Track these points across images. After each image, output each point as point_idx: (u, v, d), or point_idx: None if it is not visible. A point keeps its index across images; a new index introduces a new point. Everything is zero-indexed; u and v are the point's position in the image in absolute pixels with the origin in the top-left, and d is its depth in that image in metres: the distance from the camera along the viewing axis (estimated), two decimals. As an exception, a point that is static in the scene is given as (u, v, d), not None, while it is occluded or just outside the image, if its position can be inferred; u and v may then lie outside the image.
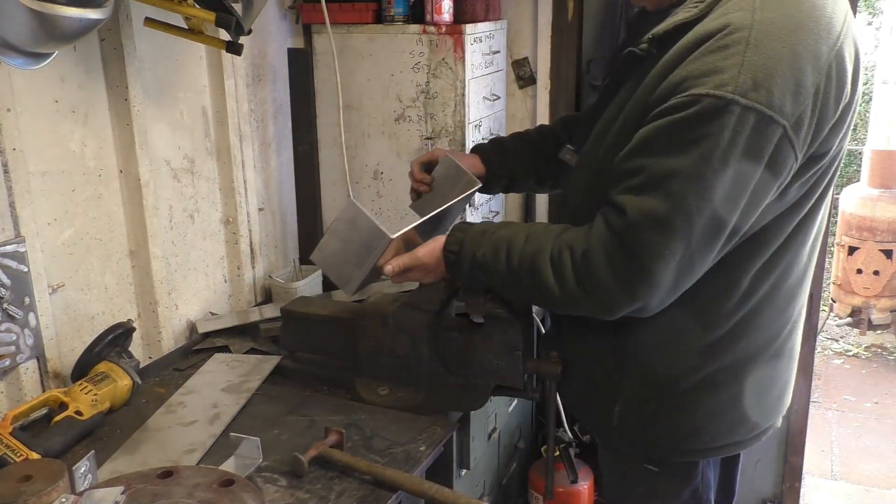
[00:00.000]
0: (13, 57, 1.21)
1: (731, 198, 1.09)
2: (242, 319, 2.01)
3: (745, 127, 1.05)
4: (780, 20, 1.08)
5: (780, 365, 1.36)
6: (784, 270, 1.26)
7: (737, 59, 1.06)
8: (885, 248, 4.53)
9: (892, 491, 3.14)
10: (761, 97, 1.05)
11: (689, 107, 1.07)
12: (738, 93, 1.04)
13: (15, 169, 1.47)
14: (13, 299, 1.49)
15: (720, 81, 1.05)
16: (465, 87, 2.21)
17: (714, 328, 1.27)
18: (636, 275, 1.15)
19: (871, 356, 4.39)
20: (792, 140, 1.08)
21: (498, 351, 1.53)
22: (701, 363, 1.29)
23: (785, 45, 1.06)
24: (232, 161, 2.07)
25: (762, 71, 1.05)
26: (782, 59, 1.06)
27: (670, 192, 1.10)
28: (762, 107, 1.05)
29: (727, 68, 1.05)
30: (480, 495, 2.01)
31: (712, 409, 1.32)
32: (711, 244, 1.14)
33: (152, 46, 1.79)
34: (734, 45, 1.07)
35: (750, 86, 1.04)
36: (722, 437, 1.34)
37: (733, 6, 1.11)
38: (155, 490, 1.13)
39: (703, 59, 1.08)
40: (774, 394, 1.38)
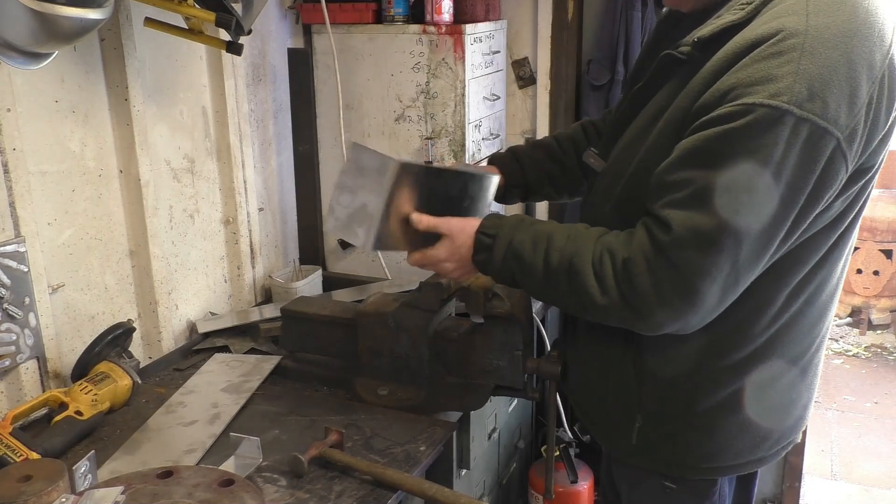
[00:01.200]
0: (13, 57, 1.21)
1: (781, 214, 1.05)
2: (242, 319, 2.01)
3: (799, 139, 1.01)
4: (835, 26, 1.03)
5: (805, 381, 1.31)
6: (818, 286, 1.22)
7: (791, 67, 1.01)
8: (885, 248, 4.53)
9: (892, 491, 3.14)
10: (817, 108, 1.00)
11: (741, 116, 1.02)
12: (794, 103, 1.00)
13: (15, 169, 1.47)
14: (13, 299, 1.49)
15: (775, 90, 1.00)
16: (465, 87, 2.21)
17: (744, 346, 1.22)
18: (679, 292, 1.09)
19: (871, 356, 4.39)
20: (845, 153, 1.04)
21: (498, 351, 1.53)
22: (726, 381, 1.24)
23: (840, 53, 1.02)
24: (232, 161, 2.07)
25: (818, 80, 1.00)
26: (838, 68, 1.01)
27: (719, 208, 1.04)
28: (817, 118, 1.00)
29: (782, 77, 1.00)
30: (480, 495, 2.01)
31: (735, 429, 1.26)
32: (758, 261, 1.09)
33: (152, 46, 1.79)
34: (788, 52, 1.01)
35: (805, 96, 1.00)
36: (744, 455, 1.29)
37: (785, 10, 1.05)
38: (155, 490, 1.13)
39: (755, 66, 1.03)
40: (798, 410, 1.33)
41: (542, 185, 1.64)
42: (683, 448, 1.29)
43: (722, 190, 1.04)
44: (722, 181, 1.04)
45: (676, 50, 1.16)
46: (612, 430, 1.37)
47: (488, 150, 2.43)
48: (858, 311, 4.67)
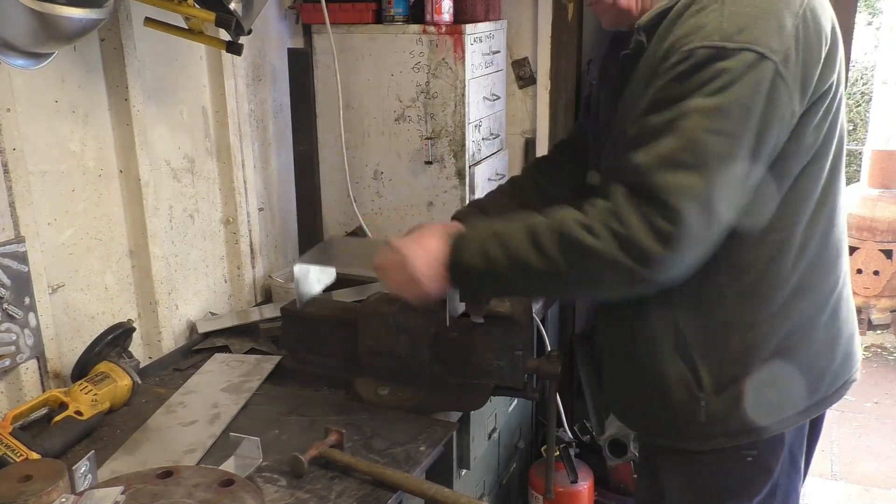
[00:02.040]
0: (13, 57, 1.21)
1: (738, 133, 1.13)
2: (242, 319, 2.01)
3: (741, 65, 1.11)
4: None
5: (842, 316, 1.38)
6: (828, 222, 1.30)
7: (716, 14, 1.14)
8: (885, 248, 4.53)
9: (892, 491, 3.14)
10: (748, 38, 1.12)
11: (682, 62, 1.13)
12: (725, 38, 1.12)
13: (15, 169, 1.47)
14: (13, 299, 1.49)
15: (706, 34, 1.13)
16: (465, 87, 2.21)
17: (776, 293, 1.28)
18: (662, 215, 1.13)
19: (871, 356, 4.39)
20: (783, 75, 1.13)
21: (498, 351, 1.53)
22: (770, 331, 1.29)
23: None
24: (232, 161, 2.07)
25: (742, 17, 1.13)
26: (758, 6, 1.14)
27: (677, 129, 1.13)
28: (752, 45, 1.11)
29: (709, 22, 1.13)
30: (480, 495, 2.01)
31: (793, 376, 1.32)
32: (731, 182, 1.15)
33: (152, 46, 1.79)
34: (711, 4, 1.15)
35: (735, 30, 1.12)
36: (807, 399, 1.34)
37: None
38: (155, 490, 1.13)
39: (685, 24, 1.16)
40: (843, 346, 1.38)
41: None
42: (752, 408, 1.31)
43: (678, 120, 1.13)
44: (676, 112, 1.13)
45: (630, 48, 1.27)
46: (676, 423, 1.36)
47: (488, 150, 2.43)
48: (858, 311, 4.65)
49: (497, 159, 2.48)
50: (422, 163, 2.31)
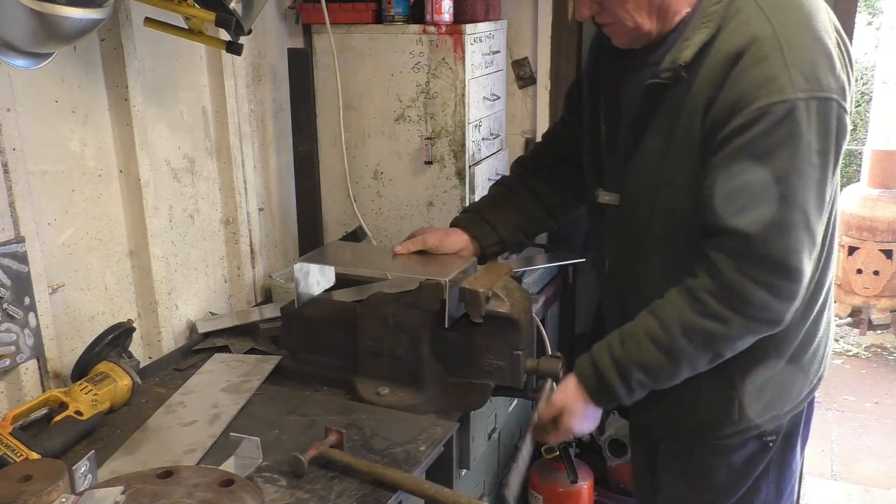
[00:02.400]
0: (13, 57, 1.21)
1: (822, 176, 1.21)
2: (242, 319, 2.01)
3: (812, 114, 1.18)
4: (793, 16, 1.22)
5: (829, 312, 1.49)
6: (833, 222, 1.36)
7: (780, 63, 1.18)
8: (885, 248, 4.53)
9: (892, 491, 3.14)
10: (815, 85, 1.18)
11: (760, 120, 1.17)
12: (798, 89, 1.17)
13: (15, 169, 1.47)
14: (13, 299, 1.49)
15: (776, 88, 1.17)
16: (465, 87, 2.21)
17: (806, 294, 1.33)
18: (784, 278, 1.23)
19: (871, 356, 4.39)
20: (844, 106, 1.22)
21: (498, 351, 1.53)
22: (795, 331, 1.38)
23: (810, 37, 1.21)
24: (232, 161, 2.07)
25: (805, 64, 1.18)
26: (813, 49, 1.20)
27: (780, 196, 1.19)
28: (819, 91, 1.18)
29: (778, 74, 1.17)
30: (480, 495, 2.01)
31: (814, 363, 1.46)
32: (823, 218, 1.25)
33: (152, 46, 1.79)
34: (772, 53, 1.18)
35: (802, 80, 1.17)
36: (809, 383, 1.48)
37: (747, 19, 1.22)
38: (155, 490, 1.13)
39: (751, 73, 1.19)
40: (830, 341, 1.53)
41: (515, 237, 1.73)
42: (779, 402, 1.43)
43: (772, 182, 1.19)
44: (770, 175, 1.19)
45: (660, 77, 1.29)
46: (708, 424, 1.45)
47: (488, 149, 2.43)
48: (858, 311, 4.67)
49: (497, 159, 2.48)
50: (422, 163, 2.31)
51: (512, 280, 1.59)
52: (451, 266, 1.58)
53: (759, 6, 1.22)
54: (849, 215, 4.61)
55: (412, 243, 1.68)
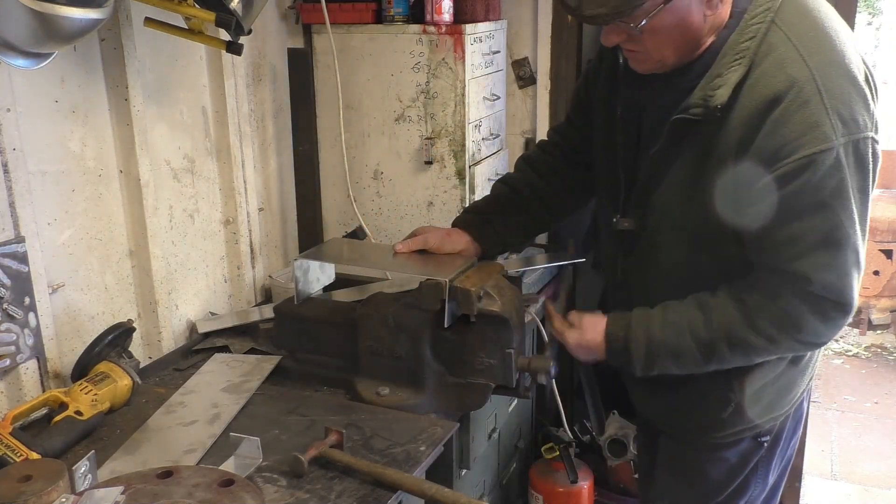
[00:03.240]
0: (13, 57, 1.21)
1: (863, 207, 1.27)
2: (242, 319, 2.01)
3: (850, 156, 1.21)
4: (829, 57, 1.23)
5: None
6: None
7: (821, 110, 1.19)
8: (885, 248, 4.53)
9: (892, 491, 3.14)
10: (853, 128, 1.21)
11: (807, 168, 1.20)
12: (839, 135, 1.19)
13: (15, 169, 1.47)
14: (13, 299, 1.49)
15: (821, 135, 1.19)
16: (465, 87, 2.21)
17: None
18: (839, 311, 1.30)
19: (871, 356, 4.39)
20: (877, 140, 1.25)
21: (490, 350, 1.53)
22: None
23: (845, 79, 1.22)
24: (232, 161, 2.07)
25: (845, 107, 1.20)
26: (850, 90, 1.22)
27: (835, 241, 1.24)
28: (858, 133, 1.21)
29: (819, 122, 1.19)
30: (480, 495, 2.01)
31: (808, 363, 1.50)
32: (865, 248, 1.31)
33: (152, 46, 1.79)
34: (812, 98, 1.20)
35: (842, 125, 1.20)
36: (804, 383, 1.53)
37: (782, 59, 1.22)
38: (155, 490, 1.13)
39: (794, 120, 1.20)
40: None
41: (517, 237, 1.76)
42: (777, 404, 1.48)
43: (827, 229, 1.24)
44: (823, 223, 1.24)
45: (689, 113, 1.29)
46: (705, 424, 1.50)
47: (488, 149, 2.43)
48: (858, 311, 4.67)
49: (497, 159, 2.48)
50: (422, 163, 2.31)
51: (503, 279, 1.60)
52: (451, 266, 1.58)
53: (793, 45, 1.22)
54: (849, 215, 4.61)
55: (413, 242, 1.68)
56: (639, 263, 1.50)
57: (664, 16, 1.22)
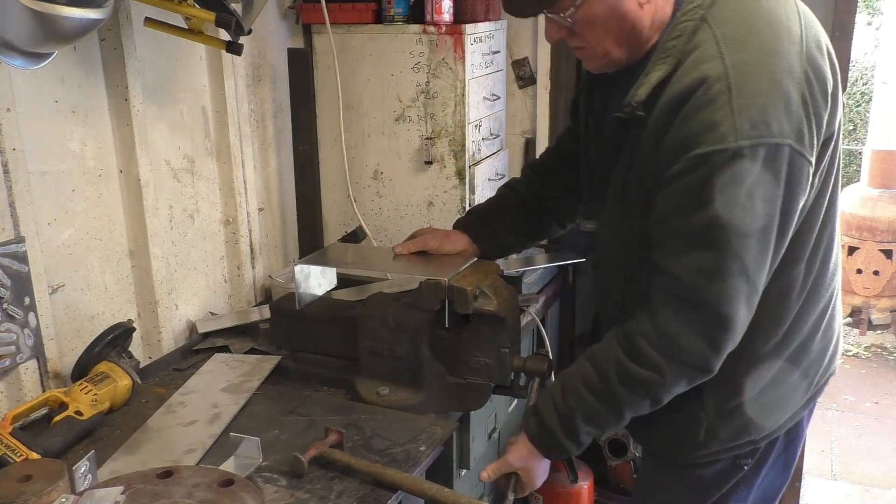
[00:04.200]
0: (13, 57, 1.21)
1: (766, 222, 1.16)
2: (242, 319, 2.01)
3: (758, 161, 1.12)
4: (750, 55, 1.14)
5: (834, 325, 1.44)
6: (827, 247, 1.33)
7: (726, 109, 1.11)
8: (885, 248, 4.53)
9: (892, 491, 3.14)
10: (762, 131, 1.11)
11: (698, 167, 1.13)
12: (741, 137, 1.11)
13: (15, 169, 1.47)
14: (13, 299, 1.49)
15: (720, 135, 1.11)
16: (465, 87, 2.21)
17: (781, 325, 1.32)
18: (715, 325, 1.20)
19: (871, 356, 4.39)
20: (800, 151, 1.14)
21: (485, 349, 1.53)
22: (773, 358, 1.34)
23: (765, 79, 1.13)
24: (232, 161, 2.07)
25: (753, 109, 1.11)
26: (767, 92, 1.13)
27: (712, 242, 1.15)
28: (767, 138, 1.11)
29: (721, 121, 1.11)
30: (480, 495, 2.01)
31: (789, 390, 1.38)
32: (765, 263, 1.19)
33: (152, 46, 1.79)
34: (720, 97, 1.12)
35: (748, 126, 1.11)
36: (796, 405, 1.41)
37: (702, 56, 1.16)
38: (155, 490, 1.13)
39: (696, 118, 1.14)
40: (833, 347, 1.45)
41: (517, 240, 1.74)
42: (751, 425, 1.37)
43: (707, 229, 1.15)
44: (706, 220, 1.15)
45: (622, 112, 1.26)
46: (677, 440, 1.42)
47: (488, 149, 2.43)
48: (858, 311, 4.67)
49: (497, 159, 2.48)
50: (422, 163, 2.31)
51: (499, 278, 1.60)
52: (451, 266, 1.58)
53: (716, 42, 1.16)
54: (849, 215, 4.61)
55: (412, 244, 1.68)
56: (603, 264, 1.48)
57: (594, 5, 1.20)
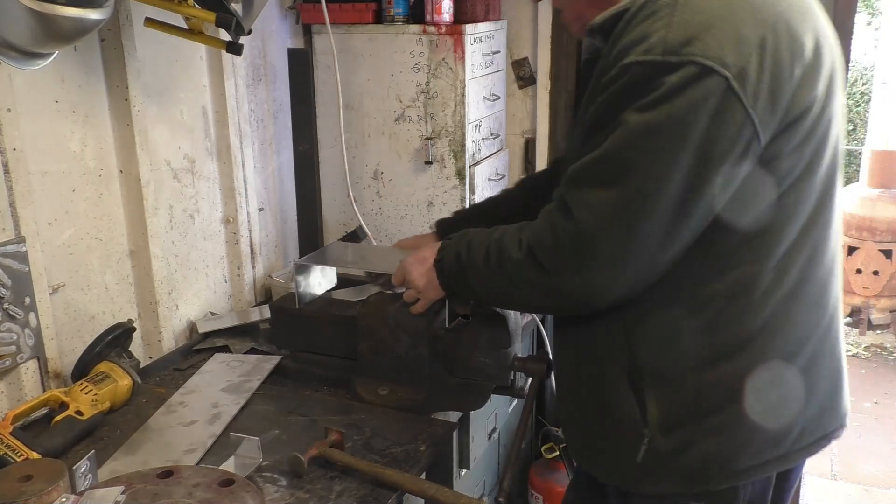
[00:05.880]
0: (13, 57, 1.21)
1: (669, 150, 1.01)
2: (242, 319, 2.01)
3: (681, 80, 0.99)
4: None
5: (824, 364, 1.22)
6: (810, 257, 1.15)
7: (663, 22, 1.01)
8: (885, 248, 4.53)
9: (891, 491, 3.14)
10: (695, 49, 0.99)
11: (620, 77, 1.03)
12: (668, 52, 0.99)
13: (15, 169, 1.47)
14: (14, 299, 1.49)
15: (648, 47, 1.01)
16: (465, 87, 2.21)
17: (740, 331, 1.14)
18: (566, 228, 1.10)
19: (870, 356, 4.39)
20: (738, 91, 0.99)
21: (485, 348, 1.53)
22: (730, 372, 1.14)
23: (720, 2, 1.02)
24: (232, 161, 2.07)
25: (692, 26, 1.00)
26: (715, 11, 1.01)
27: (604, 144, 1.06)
28: (698, 58, 0.98)
29: (654, 32, 1.01)
30: (480, 495, 2.02)
31: (754, 420, 1.14)
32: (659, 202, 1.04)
33: (152, 46, 1.79)
34: (661, 10, 1.02)
35: (680, 42, 0.99)
36: (765, 453, 1.17)
37: None
38: (155, 490, 1.13)
39: (634, 30, 1.04)
40: (822, 396, 1.23)
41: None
42: (702, 455, 1.16)
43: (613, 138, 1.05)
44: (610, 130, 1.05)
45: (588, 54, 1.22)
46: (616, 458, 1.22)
47: (488, 149, 2.43)
48: (858, 311, 4.68)
49: (497, 159, 2.48)
50: (422, 163, 2.31)
51: None
52: None
53: None
54: (848, 215, 4.62)
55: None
56: None
57: None
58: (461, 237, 1.36)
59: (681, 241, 1.08)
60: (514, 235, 1.22)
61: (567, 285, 1.13)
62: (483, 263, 1.27)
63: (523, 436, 1.53)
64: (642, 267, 1.09)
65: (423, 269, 1.45)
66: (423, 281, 1.46)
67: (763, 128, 1.03)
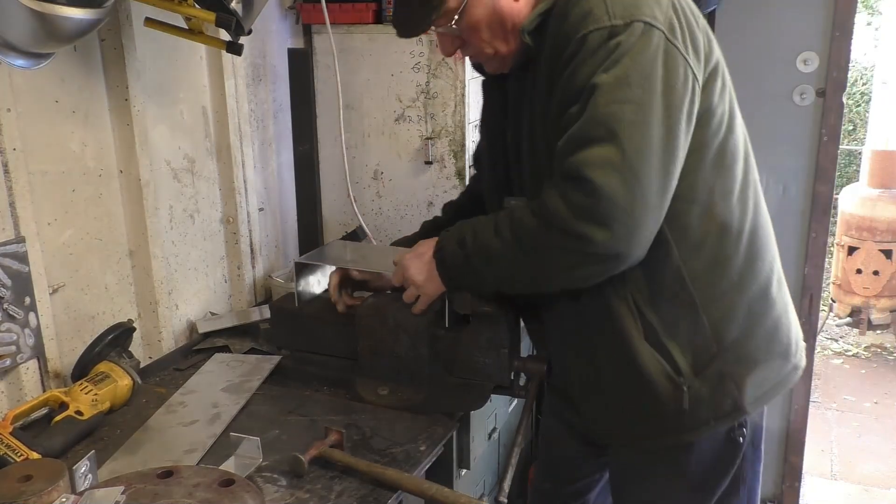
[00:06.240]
0: (13, 57, 1.21)
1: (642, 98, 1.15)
2: (242, 319, 2.01)
3: (633, 37, 1.16)
4: None
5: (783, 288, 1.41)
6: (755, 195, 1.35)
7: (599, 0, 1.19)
8: (885, 248, 4.53)
9: (891, 491, 3.14)
10: (634, 12, 1.17)
11: (580, 50, 1.18)
12: (614, 17, 1.17)
13: (15, 169, 1.47)
14: (14, 299, 1.49)
15: (596, 17, 1.18)
16: (465, 87, 2.21)
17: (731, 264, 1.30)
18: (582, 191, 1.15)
19: (870, 356, 4.39)
20: (672, 41, 1.19)
21: (485, 348, 1.53)
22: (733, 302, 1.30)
23: None
24: (232, 161, 2.07)
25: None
26: None
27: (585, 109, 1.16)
28: (640, 17, 1.17)
29: (595, 6, 1.19)
30: (480, 495, 2.01)
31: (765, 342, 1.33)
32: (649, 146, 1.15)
33: (152, 46, 1.79)
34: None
35: (621, 9, 1.18)
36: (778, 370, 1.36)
37: None
38: (155, 490, 1.13)
39: (572, 14, 1.20)
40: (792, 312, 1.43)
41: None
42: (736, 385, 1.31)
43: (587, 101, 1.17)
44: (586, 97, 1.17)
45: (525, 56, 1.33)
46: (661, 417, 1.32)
47: (488, 150, 2.43)
48: (858, 311, 4.68)
49: (497, 159, 2.48)
50: (422, 163, 2.31)
51: None
52: None
53: None
54: (848, 215, 4.62)
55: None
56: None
57: (474, 8, 1.30)
58: (459, 227, 1.38)
59: (673, 181, 1.20)
60: (523, 210, 1.27)
61: (593, 245, 1.18)
62: (495, 241, 1.30)
63: (523, 436, 1.53)
64: (652, 209, 1.18)
65: (422, 263, 1.46)
66: (423, 276, 1.46)
67: (697, 72, 1.21)
